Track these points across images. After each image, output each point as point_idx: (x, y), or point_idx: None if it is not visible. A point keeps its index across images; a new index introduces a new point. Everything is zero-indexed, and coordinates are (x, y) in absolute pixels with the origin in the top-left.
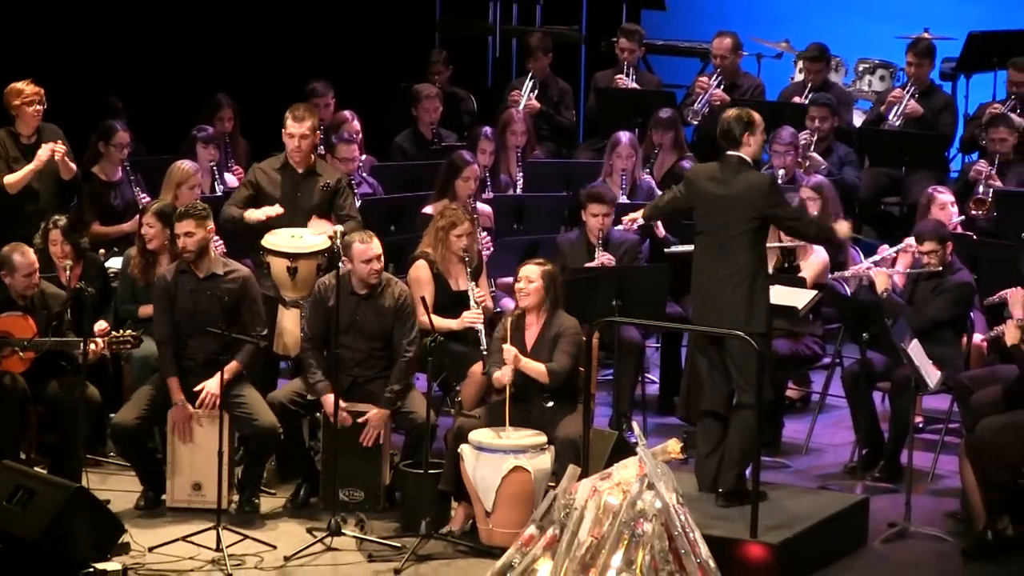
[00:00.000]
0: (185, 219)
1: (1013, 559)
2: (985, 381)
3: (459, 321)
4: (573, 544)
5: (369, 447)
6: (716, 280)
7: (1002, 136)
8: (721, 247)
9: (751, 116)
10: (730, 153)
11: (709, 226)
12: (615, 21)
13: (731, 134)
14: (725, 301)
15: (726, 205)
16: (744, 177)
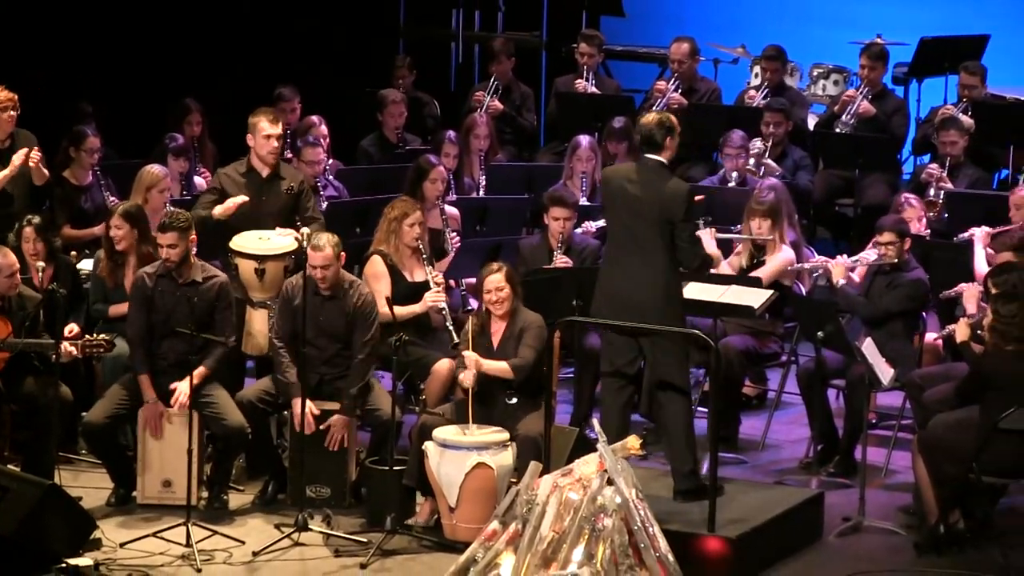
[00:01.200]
0: (169, 231)
1: (964, 553)
2: (937, 379)
3: (422, 304)
4: (535, 539)
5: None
6: (629, 280)
7: (952, 139)
8: (635, 247)
9: (672, 121)
10: (649, 156)
11: (622, 226)
12: (575, 27)
13: (653, 139)
14: (640, 302)
15: (641, 207)
16: (664, 182)
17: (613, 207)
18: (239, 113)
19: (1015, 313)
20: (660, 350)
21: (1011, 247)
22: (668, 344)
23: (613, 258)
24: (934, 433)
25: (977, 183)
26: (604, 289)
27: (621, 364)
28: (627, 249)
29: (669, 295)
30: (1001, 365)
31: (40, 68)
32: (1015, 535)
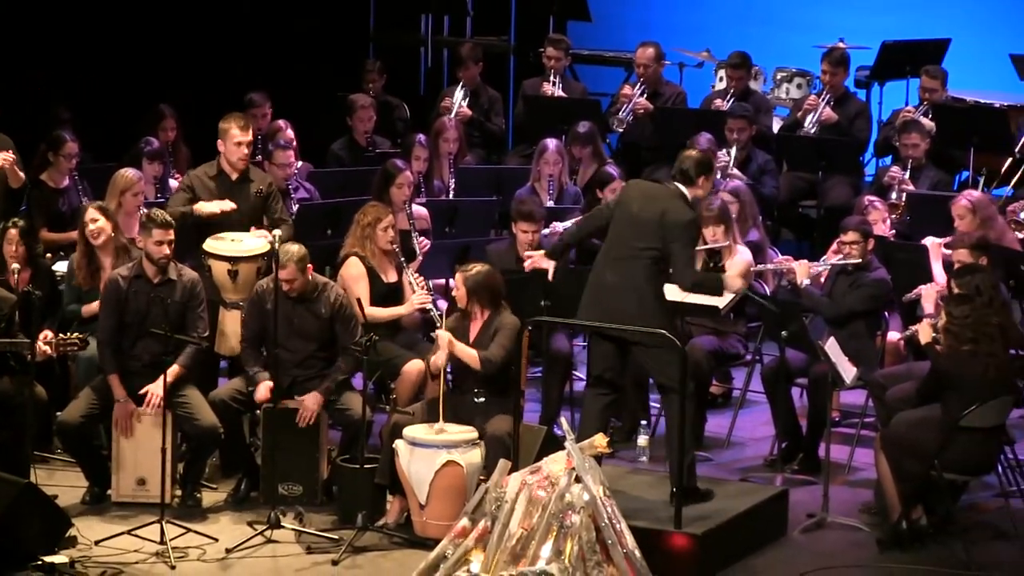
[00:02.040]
0: (165, 227)
1: (926, 548)
2: (899, 377)
3: (407, 305)
4: (504, 535)
5: (307, 443)
6: (612, 289)
7: (914, 141)
8: (622, 257)
9: (711, 161)
10: (677, 185)
11: (622, 236)
12: (542, 32)
13: (687, 173)
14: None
15: (644, 223)
16: (673, 205)
17: (623, 220)
18: (212, 118)
19: (967, 315)
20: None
21: (968, 246)
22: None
23: (604, 262)
24: (896, 431)
25: (938, 185)
26: (592, 293)
27: (604, 371)
28: (619, 255)
29: (653, 304)
30: (957, 366)
31: (23, 71)
32: (976, 531)
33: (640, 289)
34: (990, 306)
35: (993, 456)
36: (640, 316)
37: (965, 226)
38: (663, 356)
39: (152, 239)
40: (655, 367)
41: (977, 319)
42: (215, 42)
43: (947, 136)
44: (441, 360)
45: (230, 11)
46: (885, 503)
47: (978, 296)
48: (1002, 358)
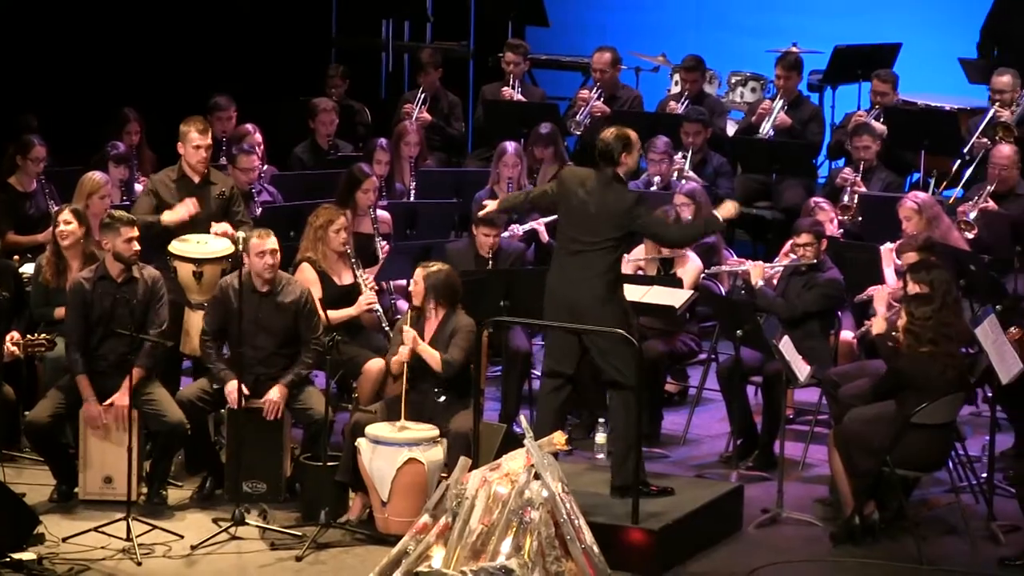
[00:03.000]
0: (131, 225)
1: (879, 543)
2: (852, 375)
3: (356, 306)
4: (465, 531)
5: (270, 442)
6: (572, 282)
7: (866, 144)
8: (581, 252)
9: (630, 137)
10: (608, 167)
11: (572, 231)
12: (501, 37)
13: (610, 153)
14: (580, 303)
15: (591, 217)
16: (612, 193)
17: (564, 210)
18: (177, 121)
19: (929, 316)
20: (600, 352)
21: (915, 248)
22: (609, 345)
23: (559, 260)
24: (849, 428)
25: (890, 186)
26: (549, 290)
27: (560, 364)
28: (572, 252)
29: (608, 298)
30: (916, 366)
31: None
32: (927, 526)
33: (596, 284)
34: (946, 305)
35: (944, 452)
36: (597, 310)
37: (912, 227)
38: (618, 352)
39: (121, 238)
40: (608, 364)
41: (938, 320)
42: (180, 46)
43: (898, 139)
44: (404, 356)
45: (195, 16)
46: (838, 498)
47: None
48: (959, 358)
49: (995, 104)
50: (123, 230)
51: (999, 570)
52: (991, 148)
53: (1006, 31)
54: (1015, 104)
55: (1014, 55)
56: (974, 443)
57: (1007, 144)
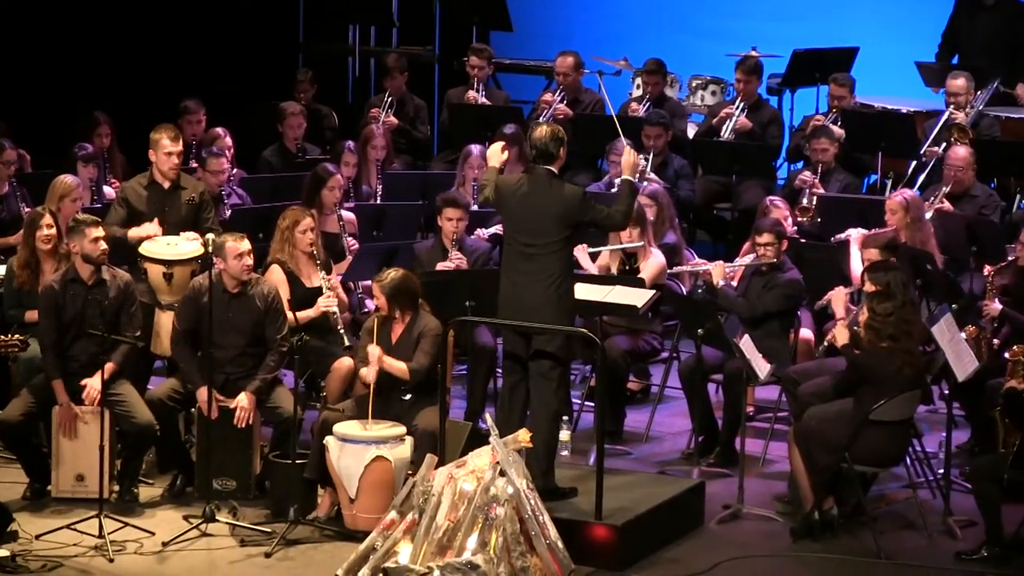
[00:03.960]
0: (96, 225)
1: (838, 538)
2: (811, 373)
3: (315, 308)
4: (431, 528)
5: (240, 440)
6: (525, 284)
7: (823, 146)
8: (531, 255)
9: (562, 132)
10: (542, 167)
11: (519, 236)
12: (466, 41)
13: (548, 151)
14: (533, 303)
15: (538, 218)
16: (557, 191)
17: (507, 218)
18: (147, 125)
19: (890, 312)
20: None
21: (878, 245)
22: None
23: (508, 266)
24: (809, 425)
25: (848, 188)
26: (503, 297)
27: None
28: (521, 257)
29: (560, 301)
30: (876, 361)
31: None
32: (885, 521)
33: (550, 289)
34: (907, 302)
35: (902, 448)
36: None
37: (896, 221)
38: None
39: (87, 239)
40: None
41: (899, 317)
42: (150, 51)
43: (856, 141)
44: (371, 376)
45: (165, 20)
46: (798, 494)
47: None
48: (916, 355)
49: (950, 107)
50: (88, 231)
51: (956, 564)
52: (945, 152)
53: (965, 38)
54: (969, 106)
55: (972, 61)
56: (931, 439)
57: (962, 146)
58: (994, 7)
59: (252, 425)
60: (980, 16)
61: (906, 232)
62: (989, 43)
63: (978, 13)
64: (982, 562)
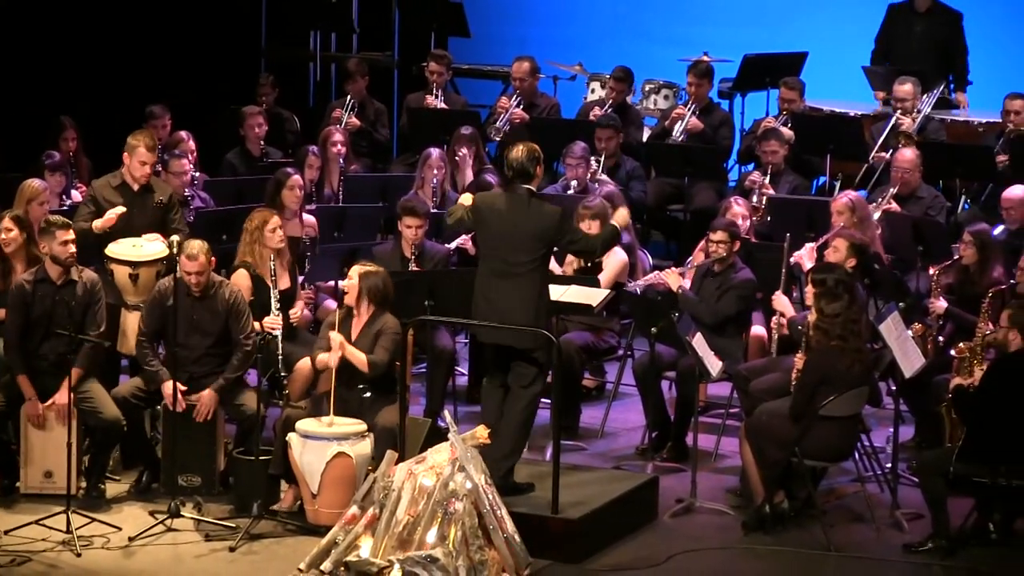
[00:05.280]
0: (65, 228)
1: (788, 531)
2: (762, 370)
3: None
4: (392, 522)
5: (204, 437)
6: (501, 304)
7: (773, 148)
8: (508, 274)
9: (536, 150)
10: (520, 186)
11: (496, 253)
12: (424, 47)
13: (526, 170)
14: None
15: (516, 237)
16: (535, 210)
17: (484, 234)
18: (113, 129)
19: (838, 312)
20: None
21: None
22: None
23: (485, 282)
24: (759, 420)
25: (797, 189)
26: (477, 313)
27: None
28: (499, 273)
29: (538, 316)
30: (825, 360)
31: None
32: (835, 514)
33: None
34: (854, 302)
35: (850, 444)
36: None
37: (842, 222)
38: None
39: (56, 241)
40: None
41: (846, 317)
42: (116, 57)
43: (805, 144)
44: (332, 362)
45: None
46: (749, 488)
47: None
48: (865, 353)
49: (897, 111)
50: (58, 233)
51: (903, 556)
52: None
53: (899, 43)
54: (916, 111)
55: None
56: (879, 435)
57: (909, 149)
58: (927, 14)
59: (216, 422)
60: (913, 22)
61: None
62: (921, 50)
63: (912, 20)
64: (929, 554)
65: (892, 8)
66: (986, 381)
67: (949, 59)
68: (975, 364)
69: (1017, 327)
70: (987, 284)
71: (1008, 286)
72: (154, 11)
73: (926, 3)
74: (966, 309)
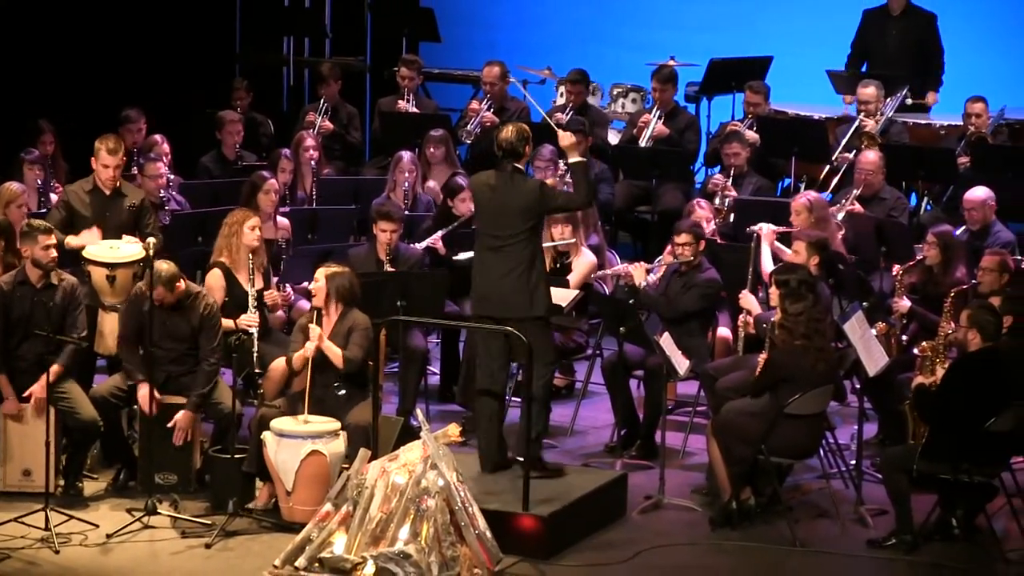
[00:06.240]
0: (47, 233)
1: (754, 526)
2: (728, 369)
3: (236, 321)
4: (365, 519)
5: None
6: (497, 276)
7: (736, 151)
8: (500, 248)
9: (525, 129)
10: (509, 164)
11: (488, 229)
12: (396, 52)
13: (516, 150)
14: (506, 293)
15: (503, 211)
16: (518, 185)
17: (477, 211)
18: (90, 132)
19: (801, 311)
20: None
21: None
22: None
23: (481, 259)
24: (726, 418)
25: (760, 191)
26: (477, 290)
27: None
28: (488, 250)
29: (533, 289)
30: (791, 360)
31: None
32: (800, 510)
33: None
34: (818, 302)
35: (816, 441)
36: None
37: (801, 222)
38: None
39: (39, 245)
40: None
41: (810, 316)
42: (93, 61)
43: (770, 146)
44: (310, 352)
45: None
46: (716, 485)
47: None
48: (829, 351)
49: (861, 114)
50: (41, 238)
51: (867, 551)
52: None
53: (875, 48)
54: (879, 113)
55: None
56: (843, 432)
57: (872, 151)
58: (901, 17)
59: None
60: (889, 26)
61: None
62: (897, 52)
63: (887, 23)
64: (892, 549)
65: (867, 12)
66: (946, 380)
67: (926, 60)
68: (937, 363)
69: (977, 327)
70: (950, 284)
71: (970, 286)
72: (130, 17)
73: (900, 6)
74: (929, 309)
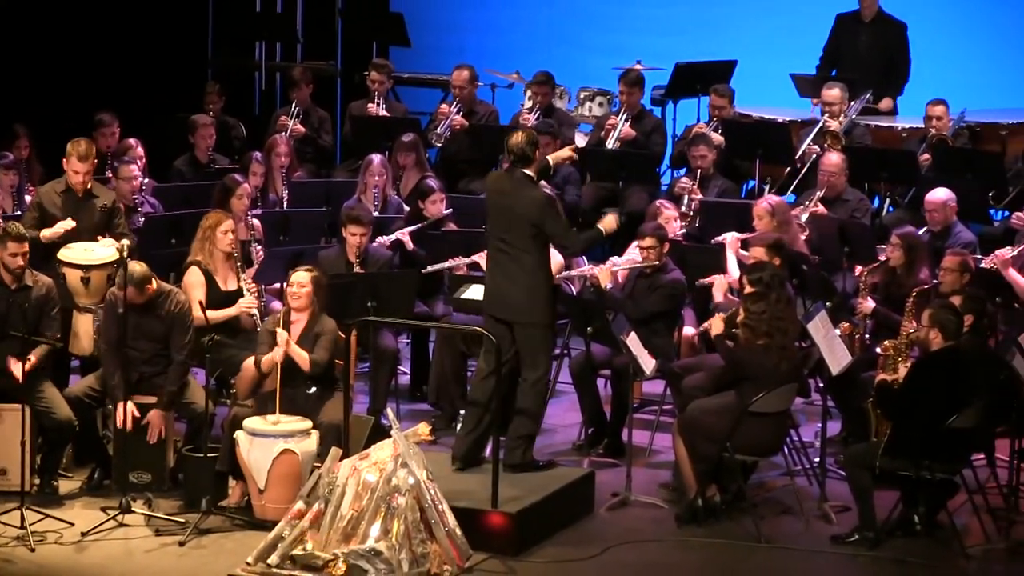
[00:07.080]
0: (19, 241)
1: (720, 523)
2: (694, 368)
3: (236, 307)
4: (336, 517)
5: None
6: (503, 279)
7: (702, 153)
8: (507, 250)
9: (534, 135)
10: (520, 170)
11: (497, 231)
12: (366, 56)
13: (526, 155)
14: (512, 297)
15: (510, 215)
16: (526, 191)
17: (488, 214)
18: (64, 136)
19: (763, 310)
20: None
21: (764, 244)
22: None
23: (492, 259)
24: (692, 416)
25: (726, 193)
26: (487, 289)
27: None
28: (501, 251)
29: (537, 292)
30: (752, 357)
31: None
32: (765, 507)
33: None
34: (780, 300)
35: (780, 439)
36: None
37: (763, 226)
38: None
39: (7, 251)
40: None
41: (772, 315)
42: (67, 66)
43: (735, 149)
44: (278, 357)
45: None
46: (682, 482)
47: (768, 291)
48: (792, 350)
49: (825, 115)
50: (11, 245)
51: (831, 547)
52: (820, 155)
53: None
54: (843, 115)
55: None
56: (807, 430)
57: (835, 152)
58: (872, 23)
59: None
60: (859, 31)
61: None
62: (867, 58)
63: (858, 28)
64: (855, 545)
65: (840, 17)
66: (909, 378)
67: (892, 68)
68: (900, 361)
69: (938, 326)
70: (912, 285)
71: (932, 286)
72: (104, 22)
73: (871, 13)
74: (892, 309)
